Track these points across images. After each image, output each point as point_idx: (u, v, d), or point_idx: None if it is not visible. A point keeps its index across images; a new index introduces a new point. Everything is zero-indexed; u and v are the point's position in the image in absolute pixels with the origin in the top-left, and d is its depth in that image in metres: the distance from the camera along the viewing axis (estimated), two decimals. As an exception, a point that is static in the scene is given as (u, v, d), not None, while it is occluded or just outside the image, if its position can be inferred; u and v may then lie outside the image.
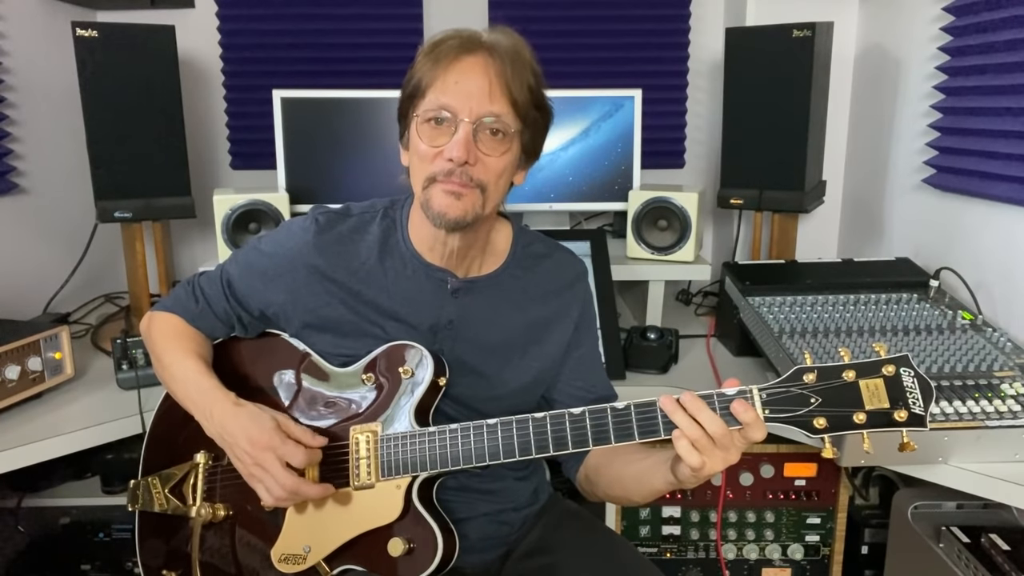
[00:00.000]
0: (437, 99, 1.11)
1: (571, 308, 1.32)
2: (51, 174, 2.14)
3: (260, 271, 1.27)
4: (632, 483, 1.20)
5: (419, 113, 1.13)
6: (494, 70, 1.11)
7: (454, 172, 1.11)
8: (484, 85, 1.10)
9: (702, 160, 2.53)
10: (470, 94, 1.10)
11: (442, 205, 1.13)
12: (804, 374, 1.01)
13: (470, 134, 1.10)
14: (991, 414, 1.34)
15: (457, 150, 1.09)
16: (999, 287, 1.69)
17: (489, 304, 1.26)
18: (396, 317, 1.22)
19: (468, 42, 1.12)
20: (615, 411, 1.06)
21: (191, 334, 1.30)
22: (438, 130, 1.12)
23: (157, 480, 1.31)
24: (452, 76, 1.11)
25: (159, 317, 1.33)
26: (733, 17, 2.36)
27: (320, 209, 1.28)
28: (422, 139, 1.13)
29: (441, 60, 1.11)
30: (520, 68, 1.13)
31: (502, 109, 1.11)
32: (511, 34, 1.16)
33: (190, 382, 1.23)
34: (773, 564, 1.78)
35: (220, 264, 1.34)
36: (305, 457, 1.13)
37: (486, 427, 1.12)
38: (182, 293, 1.34)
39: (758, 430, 1.00)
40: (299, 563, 1.18)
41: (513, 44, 1.14)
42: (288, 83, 2.11)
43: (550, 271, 1.31)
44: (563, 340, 1.30)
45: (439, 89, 1.11)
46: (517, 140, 1.16)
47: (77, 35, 1.85)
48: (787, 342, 1.59)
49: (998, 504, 1.43)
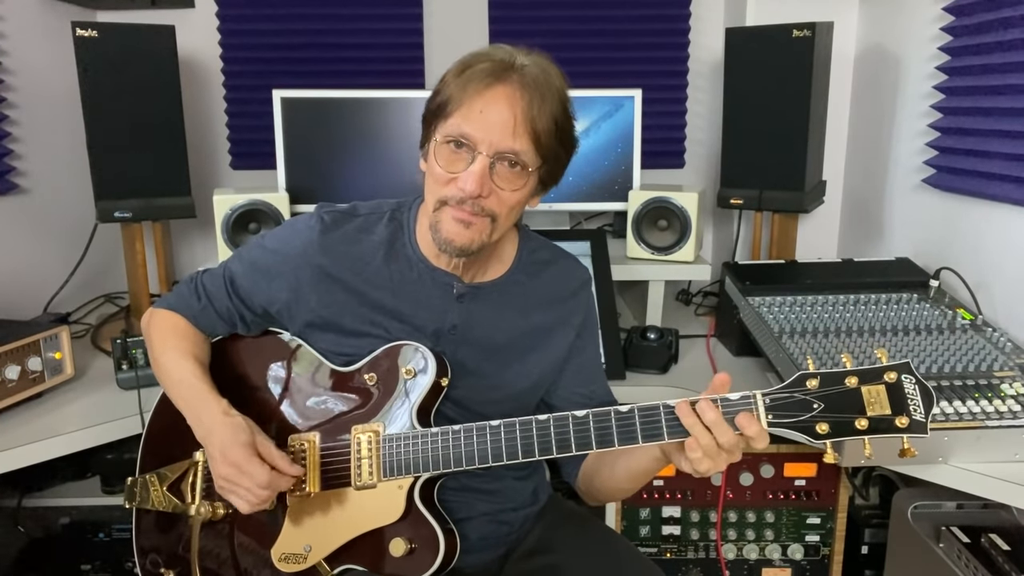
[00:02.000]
0: (459, 125, 1.10)
1: (574, 315, 1.31)
2: (51, 174, 2.14)
3: (264, 268, 1.26)
4: (623, 474, 1.21)
5: (440, 133, 1.12)
6: (521, 104, 1.09)
7: (466, 202, 1.11)
8: (509, 119, 1.09)
9: (702, 160, 2.53)
10: (492, 127, 1.09)
11: (450, 232, 1.13)
12: (807, 380, 1.02)
13: (487, 167, 1.09)
14: (991, 414, 1.34)
15: (471, 184, 1.09)
16: (999, 287, 1.69)
17: (493, 309, 1.26)
18: (400, 319, 1.22)
19: (499, 68, 1.10)
20: (619, 414, 1.07)
21: (191, 334, 1.30)
22: (456, 155, 1.11)
23: (155, 478, 1.31)
24: (478, 104, 1.09)
25: (160, 314, 1.33)
26: (733, 17, 2.36)
27: (326, 207, 1.27)
28: (439, 161, 1.12)
29: (470, 84, 1.09)
30: (548, 101, 1.11)
31: (523, 146, 1.10)
32: (544, 62, 1.15)
33: (184, 384, 1.23)
34: (773, 564, 1.78)
35: (223, 262, 1.34)
36: (268, 478, 1.11)
37: (489, 428, 1.12)
38: (185, 290, 1.33)
39: (762, 441, 1.02)
40: (299, 562, 1.18)
41: (545, 73, 1.13)
42: (288, 83, 2.11)
43: (555, 278, 1.31)
44: (565, 345, 1.30)
45: (463, 115, 1.09)
46: (535, 175, 1.15)
47: (77, 35, 1.85)
48: (787, 342, 1.59)
49: (998, 504, 1.44)
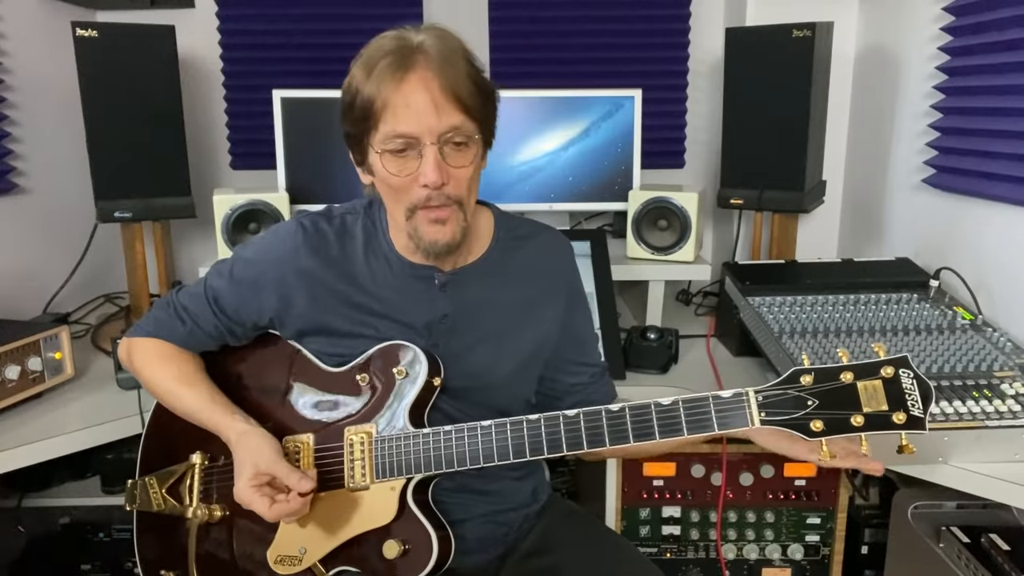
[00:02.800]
0: (393, 129, 1.09)
1: (559, 285, 1.31)
2: (51, 174, 2.14)
3: (250, 281, 1.25)
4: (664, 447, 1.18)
5: (377, 143, 1.11)
6: (438, 81, 1.08)
7: (432, 197, 1.11)
8: (434, 101, 1.07)
9: (702, 160, 2.53)
10: (423, 115, 1.07)
11: (431, 234, 1.14)
12: (801, 376, 1.01)
13: (438, 155, 1.09)
14: (991, 414, 1.34)
15: (432, 175, 1.09)
16: (999, 287, 1.68)
17: (479, 291, 1.25)
18: (389, 317, 1.22)
19: (402, 55, 1.09)
20: (609, 413, 1.06)
21: (179, 356, 1.28)
22: (403, 158, 1.10)
23: (154, 480, 1.31)
24: (399, 100, 1.07)
25: (141, 344, 1.29)
26: (733, 17, 2.36)
27: (303, 214, 1.27)
28: (390, 171, 1.12)
29: (384, 84, 1.08)
30: (458, 66, 1.10)
31: (458, 119, 1.10)
32: (437, 28, 1.14)
33: (192, 414, 1.24)
34: (773, 564, 1.78)
35: (201, 279, 1.31)
36: (297, 507, 1.12)
37: (480, 429, 1.12)
38: (163, 315, 1.29)
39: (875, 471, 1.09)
40: (295, 564, 1.18)
41: (443, 39, 1.11)
42: (288, 83, 2.11)
43: (535, 250, 1.31)
44: (556, 317, 1.30)
45: (392, 118, 1.08)
46: (479, 142, 1.15)
47: (77, 35, 1.85)
48: (787, 342, 1.59)
49: (998, 504, 1.43)
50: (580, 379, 1.33)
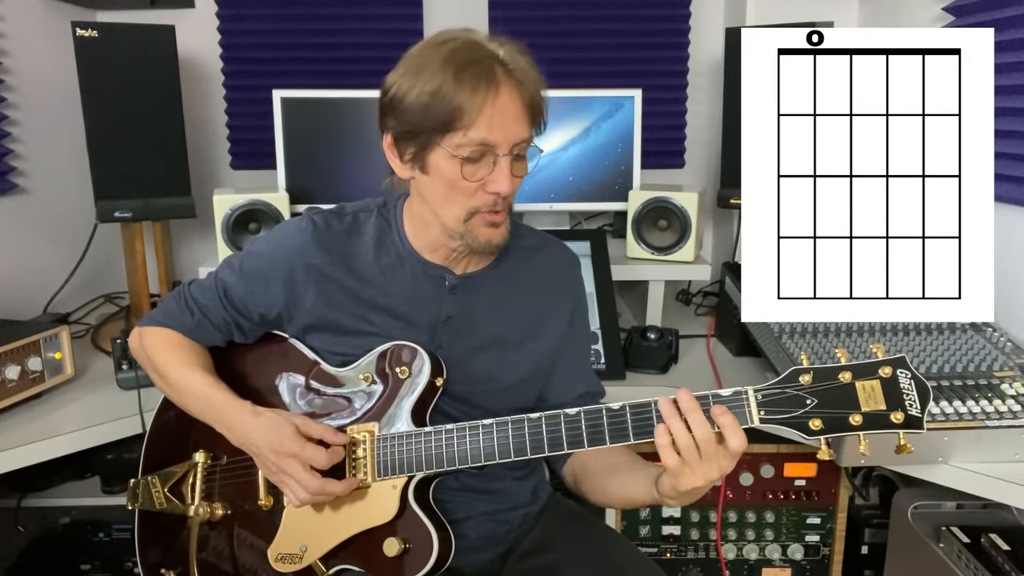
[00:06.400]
0: (479, 136, 1.09)
1: (565, 299, 1.33)
2: (51, 174, 2.14)
3: (259, 274, 1.26)
4: (615, 491, 1.22)
5: (453, 148, 1.10)
6: (525, 97, 1.12)
7: (497, 203, 1.14)
8: (517, 115, 1.11)
9: (702, 160, 2.53)
10: (507, 127, 1.10)
11: (488, 235, 1.17)
12: (800, 375, 1.01)
13: (509, 165, 1.12)
14: (991, 414, 1.34)
15: (506, 185, 1.12)
16: (999, 287, 1.68)
17: (486, 299, 1.26)
18: (395, 315, 1.23)
19: (490, 66, 1.09)
20: (610, 411, 1.06)
21: (188, 345, 1.28)
22: (477, 164, 1.11)
23: (156, 479, 1.31)
24: (491, 110, 1.08)
25: (152, 332, 1.30)
26: (733, 17, 2.36)
27: (315, 210, 1.28)
28: (463, 175, 1.12)
29: (477, 92, 1.07)
30: (537, 81, 1.14)
31: (528, 132, 1.14)
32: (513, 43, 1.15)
33: (201, 397, 1.23)
34: (773, 564, 1.78)
35: (212, 272, 1.32)
36: (327, 458, 1.12)
37: (481, 428, 1.12)
38: (173, 306, 1.30)
39: (735, 436, 0.98)
40: (295, 562, 1.18)
41: (522, 54, 1.14)
42: (288, 83, 2.11)
43: (543, 264, 1.32)
44: (559, 330, 1.31)
45: (480, 126, 1.08)
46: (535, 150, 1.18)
47: (77, 35, 1.85)
48: (787, 342, 1.59)
49: (998, 504, 1.43)
50: (567, 398, 1.32)
